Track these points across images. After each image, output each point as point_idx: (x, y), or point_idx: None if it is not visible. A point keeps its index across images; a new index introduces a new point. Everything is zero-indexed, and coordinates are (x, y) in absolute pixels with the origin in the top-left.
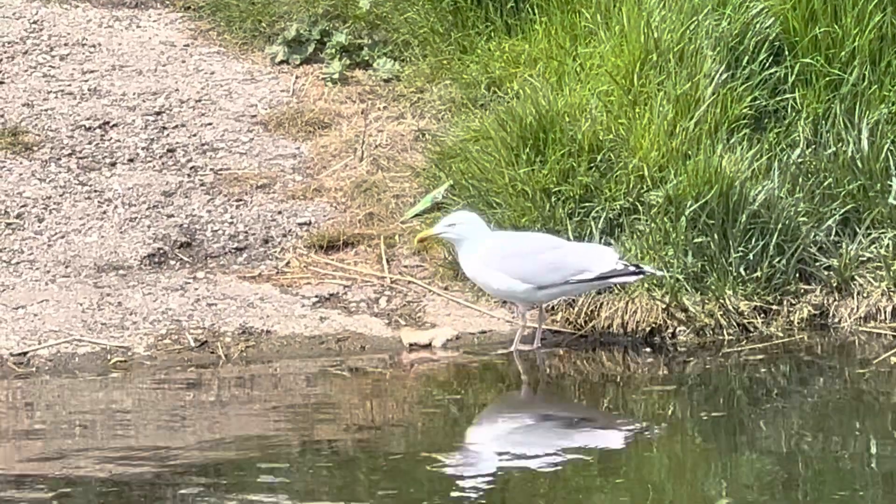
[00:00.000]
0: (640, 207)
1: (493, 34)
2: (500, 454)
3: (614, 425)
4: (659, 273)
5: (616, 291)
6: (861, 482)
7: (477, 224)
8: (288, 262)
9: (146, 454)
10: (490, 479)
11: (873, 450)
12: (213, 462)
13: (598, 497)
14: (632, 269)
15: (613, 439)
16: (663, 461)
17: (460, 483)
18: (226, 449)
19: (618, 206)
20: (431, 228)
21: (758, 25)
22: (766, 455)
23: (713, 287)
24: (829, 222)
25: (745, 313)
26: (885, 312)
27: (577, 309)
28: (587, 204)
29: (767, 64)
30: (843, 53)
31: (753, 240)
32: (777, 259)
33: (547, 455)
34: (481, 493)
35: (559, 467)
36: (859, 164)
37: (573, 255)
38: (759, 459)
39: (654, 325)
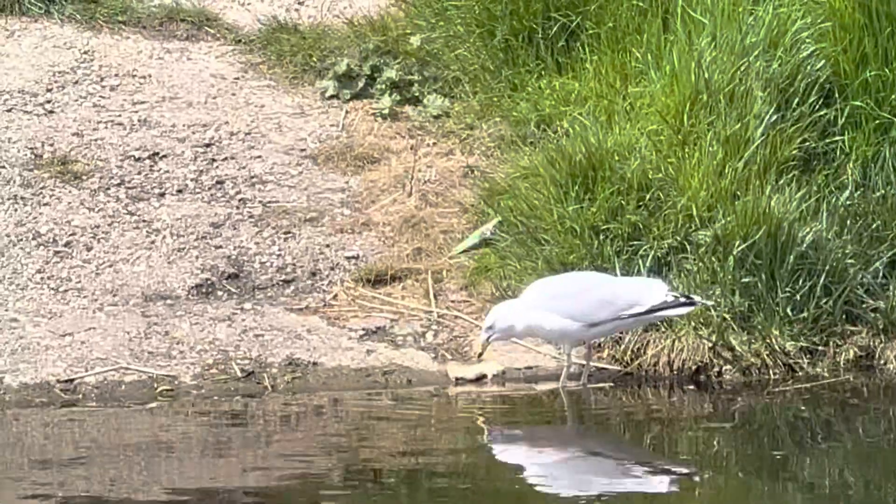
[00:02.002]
0: (688, 246)
1: (543, 72)
2: (543, 489)
3: (660, 463)
4: (709, 303)
5: (663, 329)
6: None
7: (506, 306)
8: (335, 296)
9: (191, 484)
10: None
11: None
12: (257, 492)
13: None
14: (682, 300)
15: (658, 478)
16: (706, 501)
17: None
18: (270, 479)
19: (666, 245)
20: (480, 338)
21: (808, 67)
22: (811, 496)
23: (760, 327)
24: (877, 265)
25: (792, 353)
26: None
27: (623, 346)
28: (635, 242)
29: (817, 106)
30: (893, 97)
31: (801, 281)
32: (824, 300)
33: (590, 492)
34: None
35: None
36: None
37: (623, 290)
38: (802, 499)
39: (700, 364)
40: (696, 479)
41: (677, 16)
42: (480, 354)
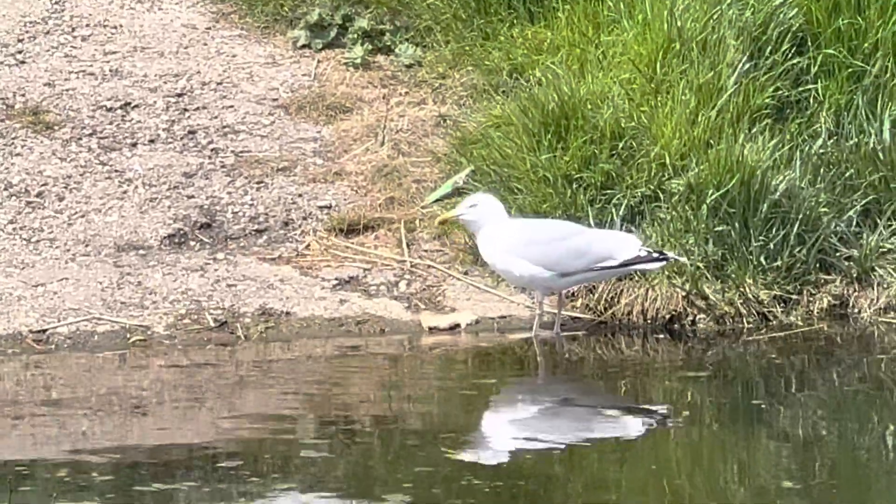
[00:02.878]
0: (662, 195)
1: (515, 21)
2: (517, 438)
3: (633, 412)
4: (682, 259)
5: (636, 279)
6: (877, 470)
7: (497, 208)
8: (308, 245)
9: (164, 434)
10: (507, 462)
11: (889, 440)
12: (230, 441)
13: (615, 483)
14: (655, 255)
15: (632, 426)
16: (681, 449)
17: (477, 466)
18: (243, 429)
19: (639, 194)
20: (453, 210)
21: (781, 16)
22: (784, 443)
23: (733, 276)
24: (850, 213)
25: (765, 302)
26: None
27: (596, 296)
28: (608, 191)
29: (790, 54)
30: (865, 45)
31: (774, 229)
32: (797, 249)
33: (565, 440)
34: (498, 476)
35: (577, 452)
36: (881, 156)
37: (597, 242)
38: (776, 447)
39: (673, 313)
40: (670, 426)
41: None
42: (444, 222)
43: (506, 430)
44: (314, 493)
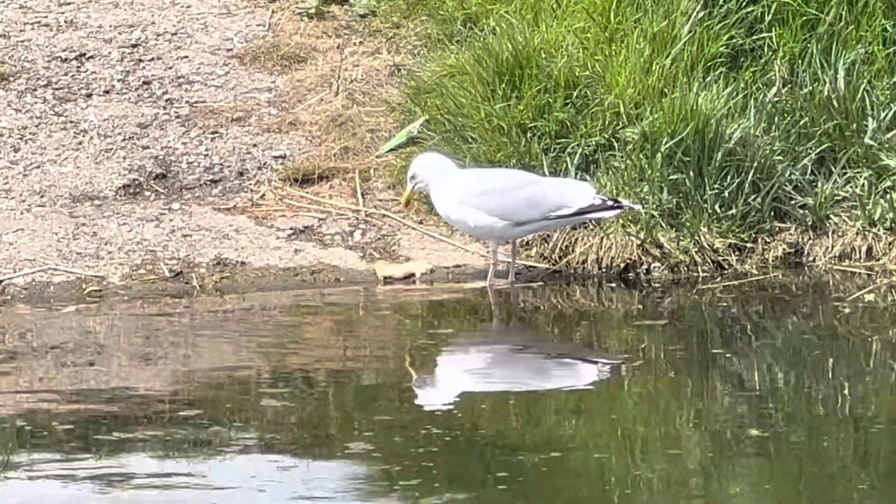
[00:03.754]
0: (616, 144)
1: None
2: (474, 387)
3: (589, 360)
4: (637, 207)
5: (591, 227)
6: (831, 417)
7: (439, 163)
8: (263, 195)
9: (119, 384)
10: (465, 411)
11: (844, 386)
12: (186, 392)
13: (572, 431)
14: (610, 203)
15: (588, 374)
16: (635, 396)
17: (435, 414)
18: (199, 380)
19: (593, 143)
20: (406, 189)
21: None
22: (739, 391)
23: (688, 224)
24: (805, 161)
25: (720, 250)
26: (859, 252)
27: (551, 244)
28: (563, 140)
29: (744, 2)
30: None
31: (729, 177)
32: (752, 197)
33: (522, 388)
34: (456, 425)
35: (534, 401)
36: (835, 104)
37: (551, 191)
38: (731, 395)
39: (628, 261)
40: (627, 374)
41: None
42: (407, 203)
43: (463, 379)
44: (274, 442)
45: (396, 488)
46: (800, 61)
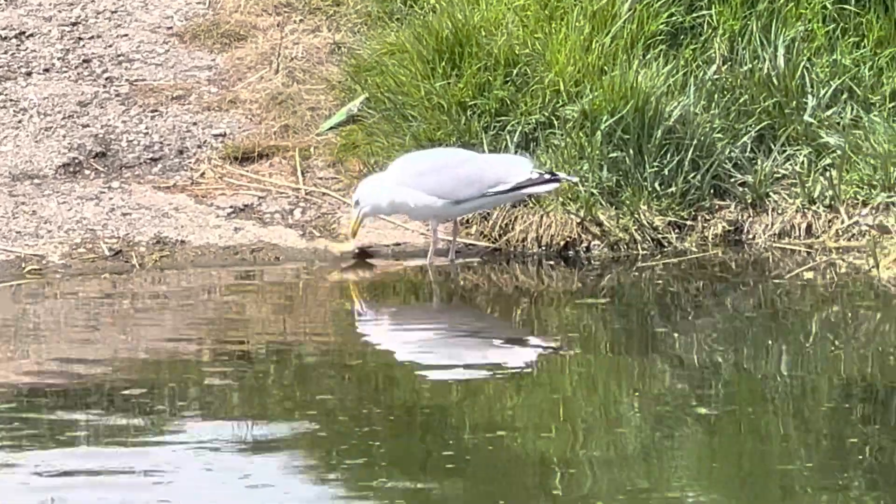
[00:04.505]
0: (556, 122)
1: None
2: (414, 366)
3: (529, 339)
4: (573, 179)
5: (531, 205)
6: (770, 392)
7: (372, 180)
8: (203, 173)
9: (60, 363)
10: (405, 389)
11: (783, 362)
12: (127, 369)
13: (512, 409)
14: (547, 177)
15: (528, 353)
16: (578, 375)
17: (375, 393)
18: (140, 357)
19: (533, 121)
20: (352, 220)
21: None
22: (680, 369)
23: (628, 202)
24: (745, 139)
25: (660, 228)
26: (798, 229)
27: (490, 222)
28: (503, 118)
29: None
30: None
31: (668, 155)
32: (692, 175)
33: (462, 367)
34: (396, 403)
35: (474, 380)
36: (775, 82)
37: (488, 168)
38: (672, 374)
39: (568, 239)
40: (567, 353)
41: None
42: (355, 233)
43: (404, 358)
44: (218, 420)
45: (343, 468)
46: (740, 39)
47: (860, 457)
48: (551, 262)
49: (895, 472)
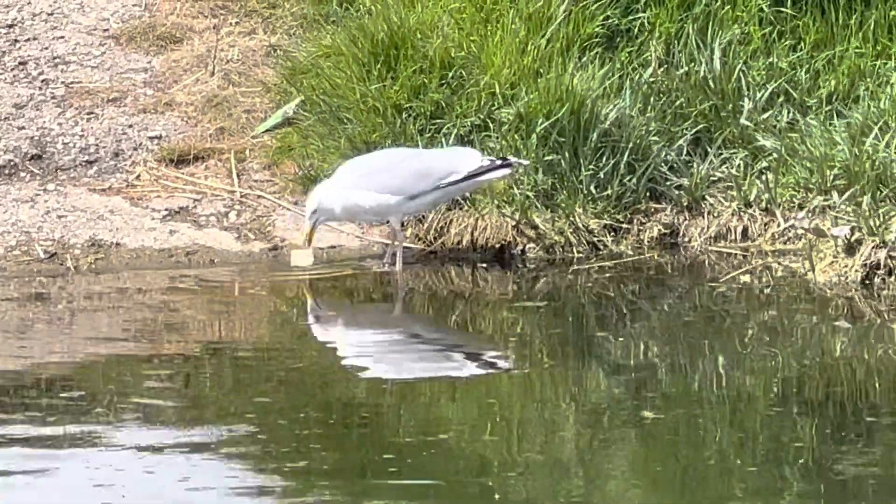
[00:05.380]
0: (491, 125)
1: None
2: (351, 368)
3: (466, 343)
4: (525, 162)
5: (466, 208)
6: (707, 395)
7: (323, 187)
8: (138, 176)
9: None
10: (343, 393)
11: (720, 367)
12: (61, 373)
13: (450, 413)
14: (499, 162)
15: (465, 357)
16: (515, 379)
17: (312, 396)
18: (75, 360)
19: (469, 123)
20: (305, 226)
21: None
22: (616, 373)
23: (563, 205)
24: (681, 142)
25: (595, 231)
26: (734, 232)
27: (426, 225)
28: (438, 120)
29: None
30: None
31: (604, 158)
32: (628, 178)
33: (399, 371)
34: (334, 405)
35: (411, 384)
36: (711, 85)
37: (438, 160)
38: (608, 377)
39: (503, 242)
40: (504, 357)
41: None
42: (309, 241)
43: (341, 362)
44: (156, 424)
45: (284, 471)
46: (676, 41)
47: (796, 458)
48: (486, 265)
49: (830, 472)
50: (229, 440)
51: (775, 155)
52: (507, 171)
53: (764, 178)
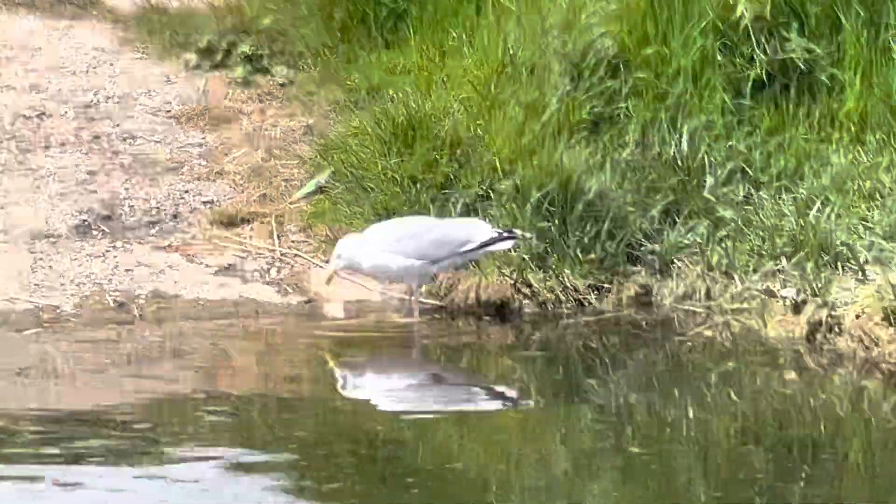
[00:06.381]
0: (493, 195)
1: (373, 48)
2: (376, 407)
3: (473, 385)
4: (528, 235)
5: (472, 268)
6: (677, 436)
7: (352, 240)
8: (193, 235)
9: (70, 400)
10: (371, 428)
11: (689, 407)
12: (130, 409)
13: (460, 446)
14: (506, 234)
15: (473, 398)
16: (514, 418)
17: (343, 430)
18: (142, 398)
19: (473, 193)
20: (329, 267)
21: (598, 45)
22: (599, 414)
23: (554, 266)
24: (653, 212)
25: (581, 290)
26: (699, 292)
27: (438, 284)
28: (447, 190)
29: (605, 78)
30: (669, 71)
31: (588, 226)
32: (608, 243)
33: (415, 409)
34: (362, 438)
35: (427, 420)
36: (679, 163)
37: (456, 230)
38: (593, 417)
39: (503, 299)
40: (505, 399)
41: (488, 1)
42: (329, 281)
43: (368, 401)
44: (215, 451)
45: (322, 492)
46: (650, 127)
47: (752, 484)
48: (489, 318)
49: (781, 498)
50: (273, 465)
51: (733, 224)
52: (512, 242)
53: (724, 245)
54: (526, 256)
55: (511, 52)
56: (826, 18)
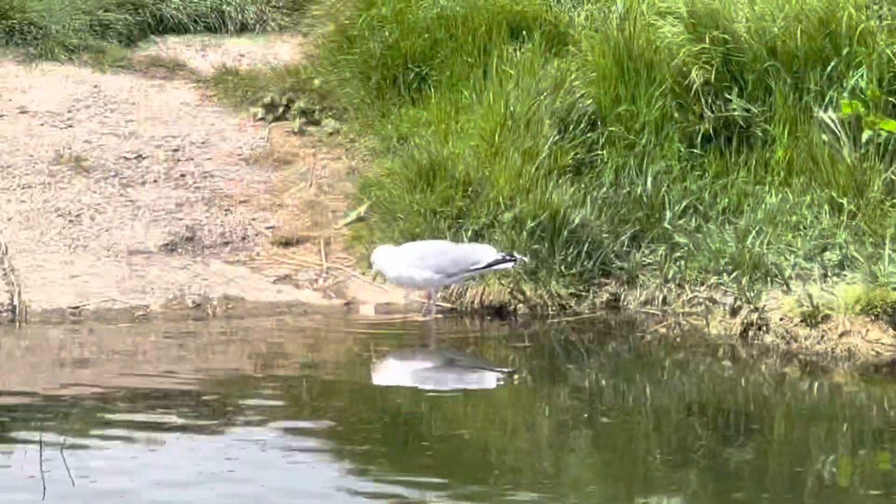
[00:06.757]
0: (496, 224)
1: (402, 104)
2: (400, 386)
3: (478, 369)
4: (525, 259)
5: (477, 279)
6: (638, 406)
7: (387, 250)
8: (258, 253)
9: (157, 379)
10: (396, 402)
11: (647, 387)
12: (204, 384)
13: (467, 418)
14: (508, 257)
15: (478, 379)
16: (510, 395)
17: (373, 403)
18: (212, 377)
19: (481, 223)
20: (372, 272)
21: (580, 105)
22: (577, 392)
23: (543, 279)
24: (623, 238)
25: (564, 297)
26: (658, 299)
27: (450, 290)
28: (460, 220)
29: (586, 131)
30: (636, 125)
31: (571, 248)
32: (587, 261)
33: (431, 387)
34: (389, 410)
35: (439, 396)
36: (644, 199)
37: (468, 252)
38: (571, 395)
39: (502, 303)
40: (503, 380)
41: (493, 68)
42: (375, 278)
43: (395, 381)
44: (271, 418)
45: (354, 453)
46: (622, 170)
47: (696, 448)
48: (490, 318)
49: (725, 466)
50: (316, 431)
51: (686, 248)
52: (513, 263)
53: (678, 263)
54: (521, 271)
55: (511, 108)
56: (760, 84)
